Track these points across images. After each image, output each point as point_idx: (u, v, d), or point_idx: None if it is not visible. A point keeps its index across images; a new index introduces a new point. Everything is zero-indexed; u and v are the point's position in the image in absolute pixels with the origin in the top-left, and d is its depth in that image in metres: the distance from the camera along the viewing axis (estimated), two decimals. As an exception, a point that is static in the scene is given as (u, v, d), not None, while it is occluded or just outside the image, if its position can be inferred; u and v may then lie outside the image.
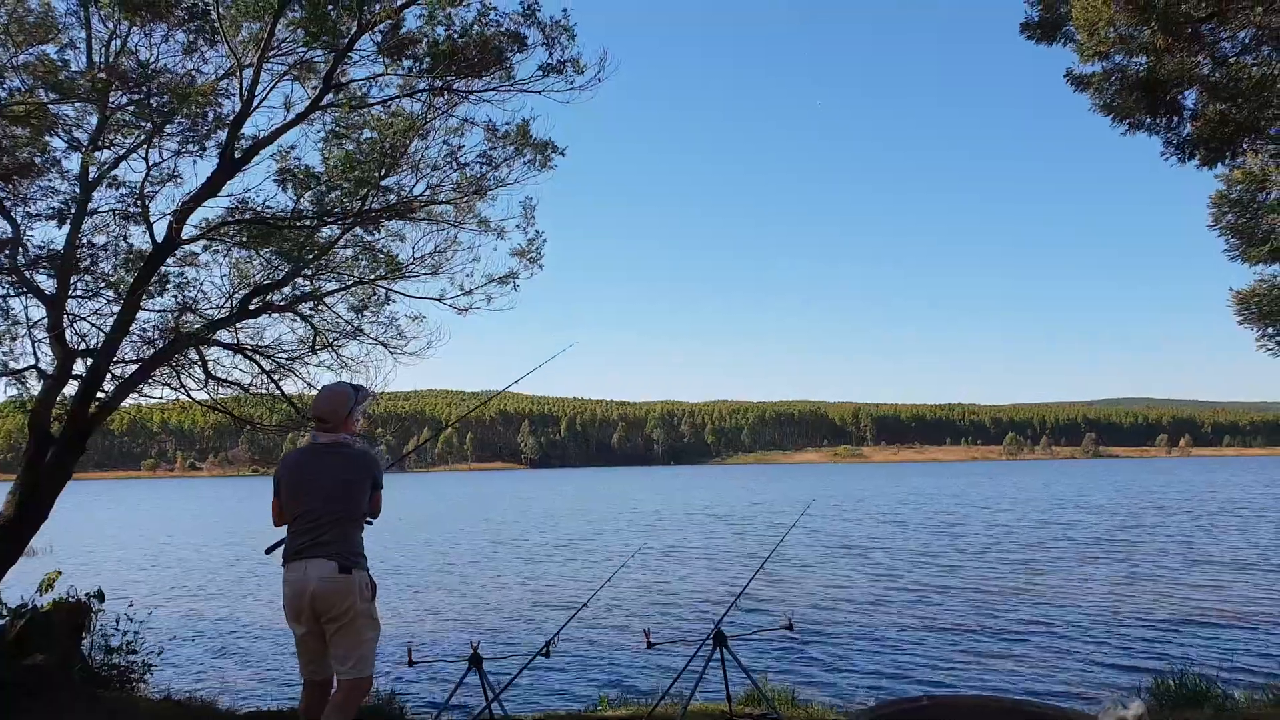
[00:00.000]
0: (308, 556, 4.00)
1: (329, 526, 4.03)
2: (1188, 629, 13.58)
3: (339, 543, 4.01)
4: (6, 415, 9.09)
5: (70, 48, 6.97)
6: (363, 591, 4.02)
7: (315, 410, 4.31)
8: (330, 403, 4.24)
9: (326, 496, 4.07)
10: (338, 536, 4.02)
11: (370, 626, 4.08)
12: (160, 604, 17.49)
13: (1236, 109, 7.29)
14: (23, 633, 6.57)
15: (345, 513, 4.07)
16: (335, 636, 3.99)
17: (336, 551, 3.99)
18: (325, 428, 4.20)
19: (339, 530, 4.03)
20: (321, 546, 4.00)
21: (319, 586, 3.93)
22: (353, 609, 3.96)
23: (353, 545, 4.07)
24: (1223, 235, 8.83)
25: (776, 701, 6.83)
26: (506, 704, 5.18)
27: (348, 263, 8.44)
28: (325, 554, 3.98)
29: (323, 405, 4.25)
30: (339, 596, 3.94)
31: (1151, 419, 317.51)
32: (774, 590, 17.80)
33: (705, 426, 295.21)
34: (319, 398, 4.37)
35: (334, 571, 3.94)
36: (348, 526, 4.07)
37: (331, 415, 4.20)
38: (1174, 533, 29.48)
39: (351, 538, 4.07)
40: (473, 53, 7.05)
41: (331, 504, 4.05)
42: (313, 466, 4.15)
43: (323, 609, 3.96)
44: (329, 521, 4.04)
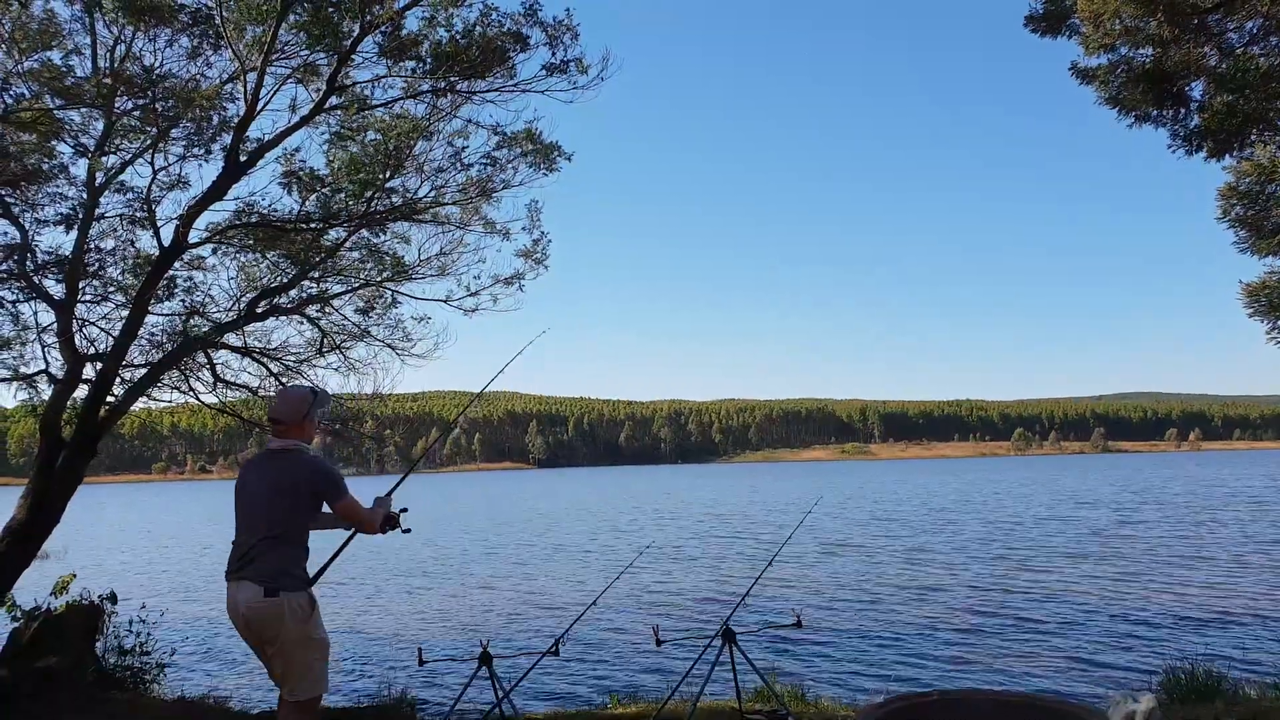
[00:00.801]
0: (237, 578, 3.80)
1: (259, 545, 3.80)
2: (1199, 623, 13.52)
3: (267, 563, 3.76)
4: (18, 420, 9.13)
5: (75, 53, 7.01)
6: (295, 614, 3.75)
7: (271, 412, 4.11)
8: (287, 404, 4.04)
9: (262, 509, 3.85)
10: (267, 556, 3.77)
11: (309, 647, 3.83)
12: (173, 606, 17.56)
13: (1244, 100, 7.24)
14: (37, 635, 6.62)
15: (278, 528, 3.80)
16: (273, 660, 3.81)
17: (263, 573, 3.74)
18: (279, 430, 3.99)
19: (269, 549, 3.78)
20: (249, 567, 3.78)
21: (246, 611, 3.73)
22: (282, 634, 3.74)
23: (283, 565, 3.79)
24: (1232, 228, 8.77)
25: (786, 698, 6.83)
26: (516, 702, 5.19)
27: (354, 265, 8.47)
28: (252, 576, 3.75)
29: (279, 407, 4.05)
30: (267, 622, 3.72)
31: (1161, 413, 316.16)
32: (782, 587, 17.78)
33: (712, 425, 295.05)
34: (275, 399, 4.19)
35: (259, 596, 3.71)
36: (280, 544, 3.80)
37: (288, 417, 3.98)
38: (1184, 527, 29.35)
39: (283, 556, 3.80)
40: (475, 53, 7.06)
41: (264, 519, 3.82)
42: (256, 474, 3.96)
43: (255, 634, 3.77)
44: (259, 539, 3.81)
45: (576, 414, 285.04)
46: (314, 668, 3.85)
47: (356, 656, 12.89)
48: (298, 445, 3.97)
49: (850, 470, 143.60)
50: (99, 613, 7.23)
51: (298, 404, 4.04)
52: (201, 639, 14.81)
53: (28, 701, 6.00)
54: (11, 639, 6.80)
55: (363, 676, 11.54)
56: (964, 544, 25.89)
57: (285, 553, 3.82)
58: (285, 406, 4.04)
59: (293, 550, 3.85)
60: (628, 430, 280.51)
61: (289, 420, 3.99)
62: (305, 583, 3.87)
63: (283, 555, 3.81)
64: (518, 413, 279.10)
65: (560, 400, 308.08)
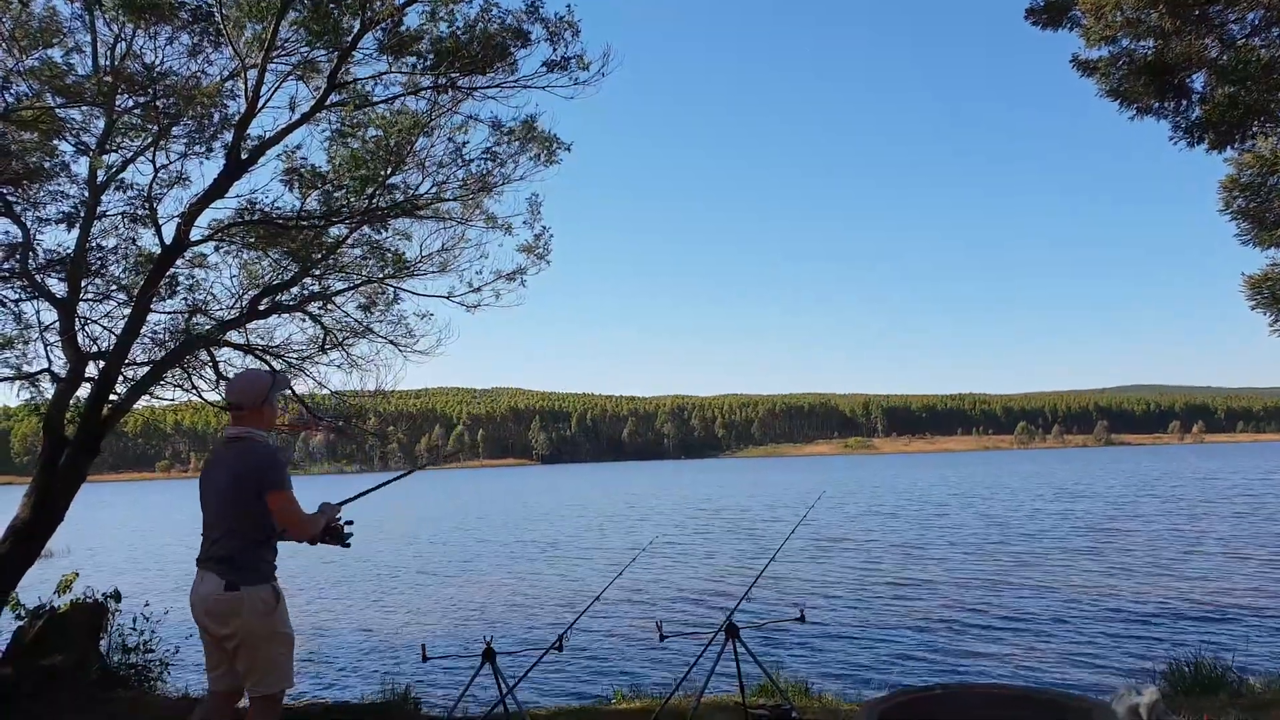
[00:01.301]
0: (202, 569, 3.75)
1: (220, 537, 3.73)
2: (1202, 616, 13.52)
3: (227, 555, 3.69)
4: (21, 419, 9.14)
5: (76, 51, 7.01)
6: (256, 608, 3.66)
7: (228, 396, 3.97)
8: (245, 389, 3.90)
9: (217, 500, 3.78)
10: (227, 548, 3.70)
11: (274, 641, 3.72)
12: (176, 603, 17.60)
13: (1246, 91, 7.23)
14: (41, 633, 6.64)
15: (236, 521, 3.71)
16: (235, 653, 3.71)
17: (224, 566, 3.67)
18: (238, 416, 3.86)
19: (229, 541, 3.71)
20: (212, 560, 3.72)
21: (206, 605, 3.68)
22: (243, 628, 3.65)
23: (245, 557, 3.69)
24: (1234, 220, 8.75)
25: (790, 693, 6.84)
26: (520, 698, 5.19)
27: (356, 262, 8.48)
28: (215, 569, 3.69)
29: (237, 392, 3.91)
30: (226, 617, 3.65)
31: (1164, 406, 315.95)
32: (786, 582, 17.80)
33: (715, 420, 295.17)
34: (232, 384, 4.05)
35: (219, 589, 3.64)
36: (238, 537, 3.70)
37: (247, 402, 3.85)
38: (1187, 520, 29.34)
39: (244, 549, 3.70)
40: (476, 49, 7.06)
41: (222, 511, 3.75)
42: (213, 463, 3.87)
43: (215, 627, 3.69)
44: (220, 532, 3.74)
45: (579, 410, 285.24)
46: (279, 662, 3.75)
47: (360, 653, 12.91)
48: (250, 433, 3.84)
49: (853, 464, 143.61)
50: (103, 611, 7.25)
51: (256, 388, 3.92)
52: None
53: (32, 700, 6.02)
54: (15, 638, 6.82)
55: (366, 673, 11.56)
56: (967, 538, 25.89)
57: (246, 545, 3.71)
58: (243, 391, 3.90)
59: (254, 542, 3.73)
60: (631, 426, 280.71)
61: (248, 405, 3.86)
62: (268, 576, 3.77)
63: (244, 548, 3.71)
64: (521, 409, 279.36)
65: (563, 396, 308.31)
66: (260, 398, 3.88)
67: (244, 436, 3.82)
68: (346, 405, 9.00)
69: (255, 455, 3.74)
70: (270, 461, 3.74)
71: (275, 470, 3.72)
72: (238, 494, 3.70)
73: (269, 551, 3.80)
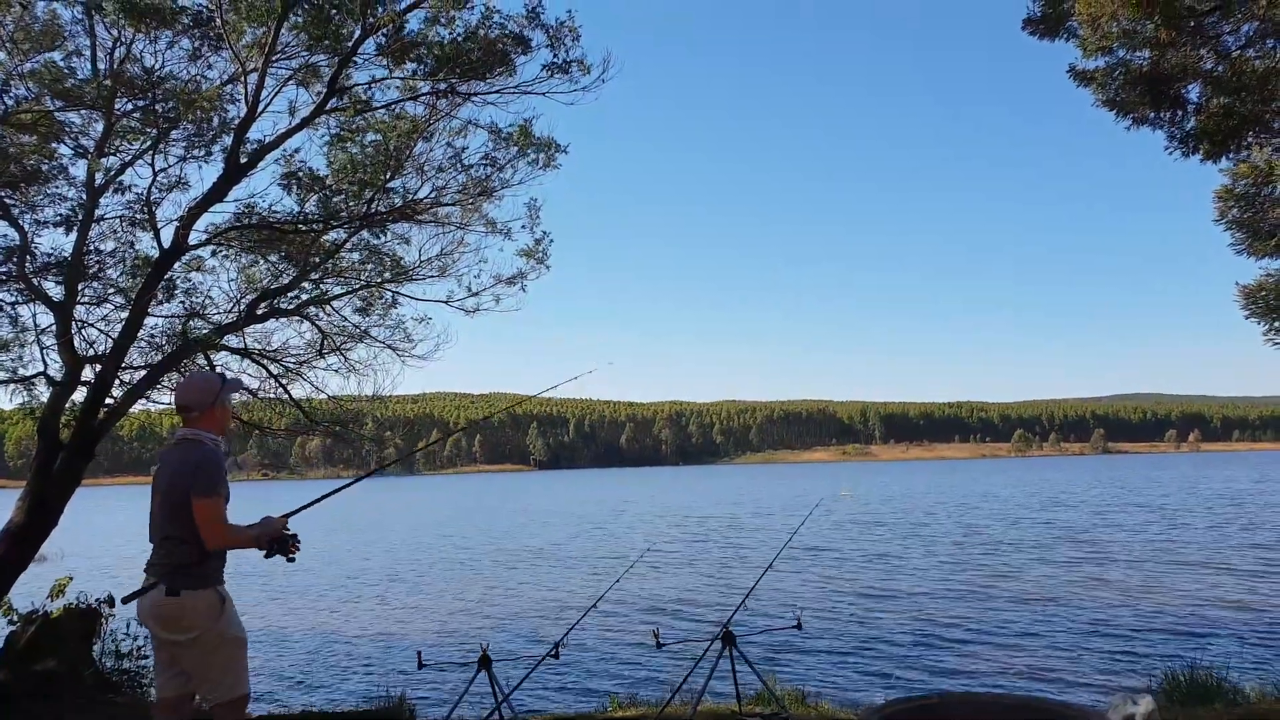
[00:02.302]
0: (147, 574, 3.68)
1: (160, 540, 3.68)
2: (1198, 625, 13.52)
3: (168, 561, 3.61)
4: (16, 422, 9.12)
5: (76, 55, 7.02)
6: (199, 613, 3.58)
7: (177, 399, 3.88)
8: (193, 390, 3.83)
9: (159, 504, 3.71)
10: (167, 553, 3.63)
11: (223, 646, 3.65)
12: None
13: (1240, 102, 7.26)
14: (33, 639, 6.61)
15: (170, 524, 3.63)
16: (184, 660, 3.65)
17: (165, 571, 3.60)
18: (188, 419, 3.78)
19: (167, 546, 3.64)
20: (154, 566, 3.66)
21: (151, 611, 3.62)
22: (189, 632, 3.58)
23: (184, 562, 3.60)
24: (1229, 230, 8.79)
25: (786, 700, 6.83)
26: (516, 705, 5.18)
27: (354, 266, 8.47)
28: (156, 573, 3.62)
29: (185, 394, 3.84)
30: (170, 622, 3.58)
31: (1160, 414, 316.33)
32: (782, 590, 17.77)
33: (713, 426, 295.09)
34: (181, 386, 3.96)
35: (160, 595, 3.57)
36: (177, 542, 3.61)
37: (196, 403, 3.77)
38: (1182, 529, 29.36)
39: (183, 554, 3.61)
40: (476, 55, 7.07)
41: (162, 514, 3.68)
42: (160, 467, 3.79)
43: (162, 632, 3.63)
44: (160, 535, 3.69)
45: (577, 415, 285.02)
46: (231, 667, 3.68)
47: (355, 660, 12.88)
48: (197, 435, 3.74)
49: (851, 471, 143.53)
50: (96, 616, 7.22)
51: (205, 389, 3.83)
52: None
53: (25, 705, 5.99)
54: (8, 642, 6.80)
55: (361, 680, 11.53)
56: (964, 547, 25.88)
57: (185, 550, 3.61)
58: (192, 392, 3.83)
59: (194, 547, 3.61)
60: (629, 432, 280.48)
61: (197, 407, 3.78)
62: (210, 580, 3.66)
63: (183, 552, 3.61)
64: (518, 414, 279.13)
65: (561, 401, 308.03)
66: (209, 399, 3.80)
67: (191, 439, 3.73)
68: (344, 410, 8.99)
69: (192, 458, 3.65)
70: (203, 465, 3.62)
71: (204, 474, 3.60)
72: (174, 497, 3.62)
73: (212, 556, 3.67)
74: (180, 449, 3.73)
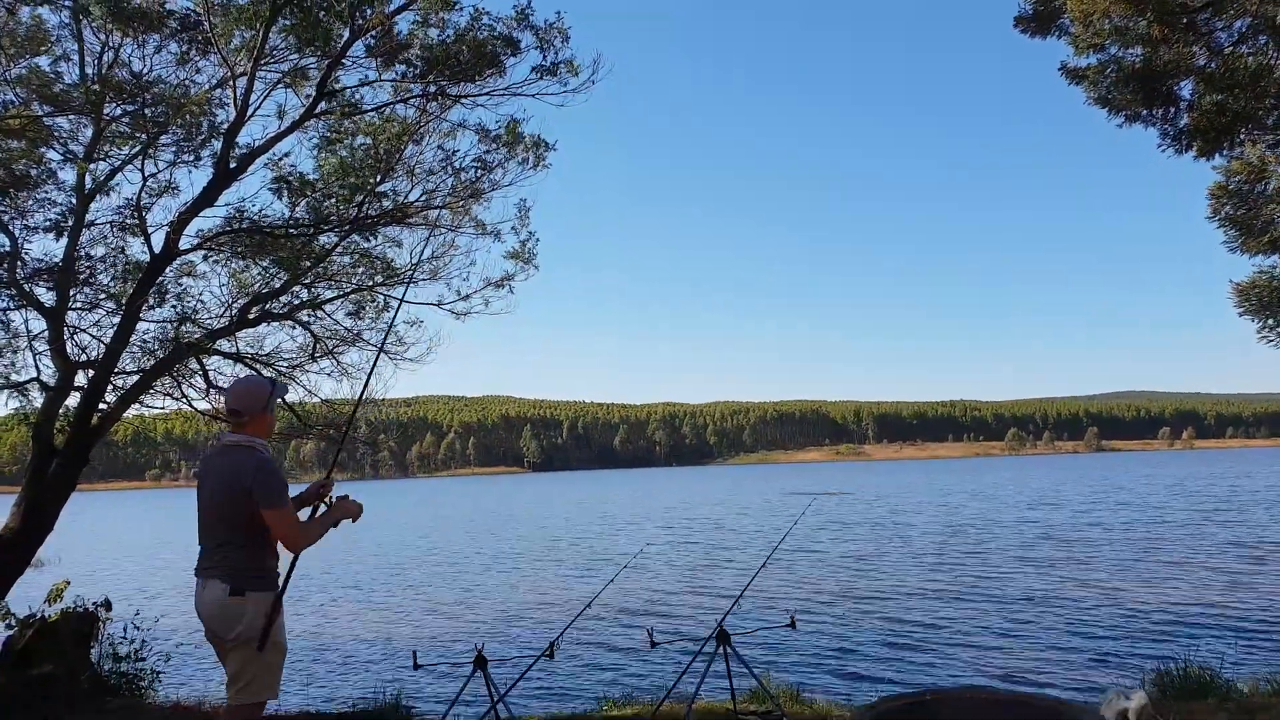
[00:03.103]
0: (203, 576, 3.72)
1: (219, 544, 3.71)
2: (1192, 620, 13.57)
3: (233, 562, 3.66)
4: (10, 428, 9.09)
5: (64, 60, 7.00)
6: (260, 614, 3.64)
7: (229, 403, 3.90)
8: (246, 395, 3.86)
9: (214, 509, 3.73)
10: (232, 556, 3.67)
11: (270, 649, 3.68)
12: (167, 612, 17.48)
13: (1233, 99, 7.29)
14: (31, 642, 6.60)
15: (236, 529, 3.67)
16: (227, 657, 3.70)
17: (226, 572, 3.64)
18: (237, 422, 3.81)
19: (233, 548, 3.68)
20: (214, 567, 3.69)
21: (209, 610, 3.66)
22: (243, 634, 3.63)
23: (244, 563, 3.66)
24: (1221, 227, 8.82)
25: (780, 698, 6.84)
26: (511, 705, 5.18)
27: (345, 270, 8.46)
28: (217, 574, 3.66)
29: (239, 399, 3.85)
30: (228, 621, 3.63)
31: (1154, 412, 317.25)
32: (776, 588, 17.79)
33: (707, 427, 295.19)
34: (232, 390, 3.99)
35: (224, 595, 3.62)
36: (242, 544, 3.67)
37: (248, 408, 3.80)
38: (1176, 524, 29.46)
39: (249, 555, 3.67)
40: (466, 57, 7.07)
41: (220, 518, 3.70)
42: (208, 471, 3.80)
43: (216, 631, 3.69)
44: (218, 540, 3.71)
45: (570, 417, 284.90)
46: (269, 671, 3.72)
47: (350, 660, 12.85)
48: (250, 442, 3.75)
49: (845, 471, 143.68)
50: (93, 619, 7.20)
51: (257, 394, 3.86)
52: (196, 645, 14.74)
53: (23, 709, 5.97)
54: (6, 646, 6.78)
55: (357, 681, 11.50)
56: (956, 544, 25.93)
57: (250, 551, 3.68)
58: (245, 398, 3.85)
59: (258, 549, 3.69)
60: (622, 434, 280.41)
61: (248, 412, 3.81)
62: (272, 584, 3.74)
63: (249, 554, 3.67)
64: (512, 416, 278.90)
65: (554, 404, 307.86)
66: (260, 405, 3.83)
67: (244, 444, 3.74)
68: (337, 413, 8.97)
69: (253, 464, 3.66)
70: (266, 474, 3.65)
71: (271, 485, 3.63)
72: (234, 504, 3.64)
73: (271, 558, 3.75)
74: (231, 455, 3.72)
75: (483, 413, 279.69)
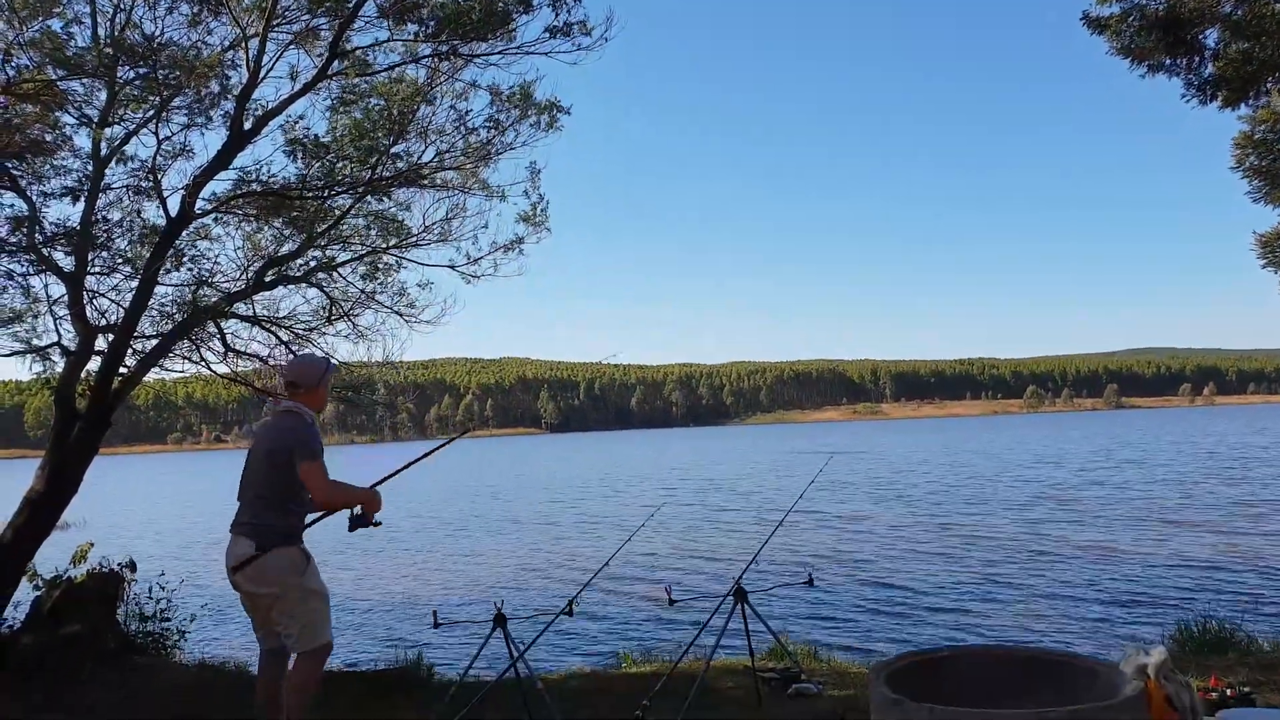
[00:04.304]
0: (234, 532, 3.95)
1: (249, 502, 3.98)
2: (1211, 577, 13.56)
3: (260, 520, 3.91)
4: (34, 392, 9.19)
5: (75, 23, 6.94)
6: (286, 568, 3.87)
7: (287, 375, 4.26)
8: (304, 368, 4.23)
9: (254, 467, 4.01)
10: (256, 513, 3.93)
11: (306, 597, 3.91)
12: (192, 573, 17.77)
13: (1260, 47, 7.11)
14: (58, 603, 6.71)
15: (267, 487, 3.93)
16: (271, 612, 3.92)
17: (254, 529, 3.89)
18: (294, 393, 4.12)
19: (257, 506, 3.94)
20: (243, 525, 3.94)
21: (238, 565, 3.87)
22: (275, 588, 3.86)
23: (271, 521, 3.91)
24: (1246, 178, 8.65)
25: (798, 656, 6.90)
26: (531, 662, 5.25)
27: (359, 232, 8.43)
28: (246, 532, 3.90)
29: (296, 371, 4.22)
30: (257, 578, 3.85)
31: (1174, 368, 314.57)
32: (794, 546, 17.89)
33: (723, 388, 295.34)
34: (291, 364, 4.40)
35: (250, 550, 3.84)
36: (265, 503, 3.93)
37: (304, 381, 4.14)
38: (1193, 480, 29.34)
39: (271, 514, 3.92)
40: (477, 15, 6.97)
41: (256, 477, 3.98)
42: (260, 432, 4.14)
43: (249, 586, 3.89)
44: (249, 497, 3.98)
45: (587, 379, 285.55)
46: (314, 619, 3.94)
47: (372, 619, 13.06)
48: (299, 408, 4.05)
49: (862, 430, 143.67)
50: (118, 580, 7.32)
51: (313, 371, 4.21)
52: (221, 605, 15.00)
53: (51, 669, 6.11)
54: (34, 607, 6.91)
55: (378, 639, 11.70)
56: (972, 502, 25.95)
57: (277, 509, 3.93)
58: (302, 370, 4.20)
59: (285, 507, 3.95)
60: (639, 395, 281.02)
61: (305, 384, 4.13)
62: (294, 539, 3.96)
63: (275, 512, 3.92)
64: (529, 378, 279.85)
65: (571, 365, 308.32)
66: (315, 380, 4.17)
67: (292, 410, 4.03)
68: (354, 376, 9.01)
69: (291, 426, 3.96)
70: (304, 432, 3.94)
71: (307, 440, 3.91)
72: (271, 461, 3.93)
73: (295, 517, 4.00)
74: (283, 417, 4.02)
75: (500, 374, 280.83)
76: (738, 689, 5.82)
